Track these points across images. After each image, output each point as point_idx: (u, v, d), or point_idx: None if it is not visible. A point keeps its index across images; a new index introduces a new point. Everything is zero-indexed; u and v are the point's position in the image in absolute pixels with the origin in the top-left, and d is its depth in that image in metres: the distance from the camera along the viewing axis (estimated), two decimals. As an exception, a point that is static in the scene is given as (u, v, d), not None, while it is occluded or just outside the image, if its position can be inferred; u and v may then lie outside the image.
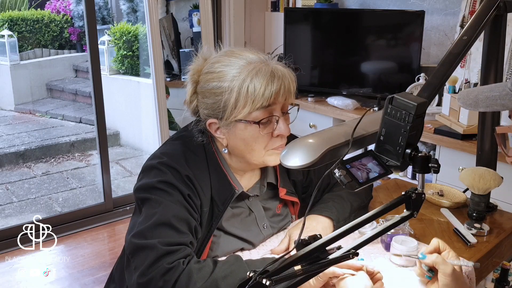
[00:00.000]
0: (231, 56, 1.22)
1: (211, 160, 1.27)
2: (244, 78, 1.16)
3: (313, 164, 0.91)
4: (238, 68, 1.18)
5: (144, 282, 1.08)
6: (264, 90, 1.15)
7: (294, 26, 3.28)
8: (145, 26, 3.74)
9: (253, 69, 1.17)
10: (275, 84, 1.16)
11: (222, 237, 1.30)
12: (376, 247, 1.35)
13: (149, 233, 1.12)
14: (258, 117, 1.18)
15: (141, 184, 1.22)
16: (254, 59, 1.20)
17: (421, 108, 0.94)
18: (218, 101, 1.19)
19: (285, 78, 1.19)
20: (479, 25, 1.26)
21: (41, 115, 5.53)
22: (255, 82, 1.15)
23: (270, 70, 1.17)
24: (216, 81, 1.19)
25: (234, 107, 1.17)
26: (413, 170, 0.97)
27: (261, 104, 1.16)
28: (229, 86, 1.17)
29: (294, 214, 1.48)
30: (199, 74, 1.25)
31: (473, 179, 1.44)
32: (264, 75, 1.16)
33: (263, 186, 1.37)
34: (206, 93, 1.22)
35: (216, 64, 1.21)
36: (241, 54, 1.22)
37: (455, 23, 2.87)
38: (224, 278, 1.07)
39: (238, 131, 1.21)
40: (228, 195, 1.26)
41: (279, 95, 1.18)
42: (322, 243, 0.87)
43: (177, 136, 1.33)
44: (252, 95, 1.15)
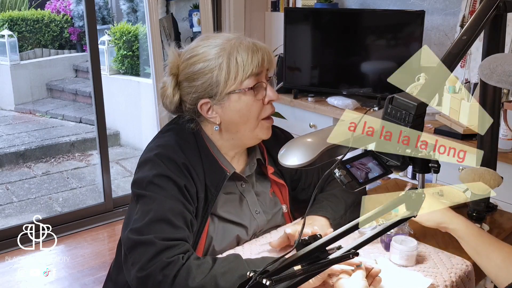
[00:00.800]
0: (208, 39, 1.28)
1: (201, 146, 1.30)
2: (229, 51, 1.23)
3: (311, 163, 0.91)
4: (220, 45, 1.25)
5: (143, 276, 1.09)
6: (252, 58, 1.24)
7: (294, 26, 3.28)
8: (145, 26, 3.74)
9: (235, 43, 1.25)
10: (259, 52, 1.25)
11: (217, 224, 1.32)
12: (376, 247, 1.35)
13: (146, 229, 1.14)
14: (249, 84, 1.25)
15: (137, 179, 1.24)
16: (230, 37, 1.28)
17: (421, 108, 0.94)
18: (209, 79, 1.24)
19: (265, 47, 1.28)
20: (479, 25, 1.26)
21: (41, 115, 5.53)
22: (241, 53, 1.23)
23: (251, 42, 1.27)
24: (201, 61, 1.24)
25: (227, 80, 1.23)
26: (413, 170, 0.97)
27: (251, 71, 1.23)
28: (217, 62, 1.23)
29: (285, 203, 1.48)
30: (177, 67, 1.29)
31: (473, 179, 1.44)
32: (247, 46, 1.25)
33: (253, 163, 1.40)
34: (194, 75, 1.25)
35: (197, 48, 1.27)
36: (216, 35, 1.30)
37: (455, 23, 2.87)
38: (223, 274, 1.08)
39: (232, 103, 1.26)
40: (220, 179, 1.29)
41: (265, 62, 1.26)
42: (322, 243, 0.87)
43: (166, 128, 1.35)
44: (242, 64, 1.23)
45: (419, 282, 1.18)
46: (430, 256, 1.30)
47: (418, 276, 1.21)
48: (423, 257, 1.30)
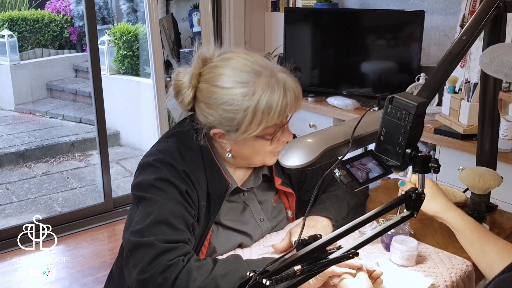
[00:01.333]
0: (236, 67, 1.19)
1: (205, 155, 1.28)
2: (259, 97, 1.15)
3: (312, 164, 0.91)
4: (250, 84, 1.16)
5: (144, 279, 1.09)
6: (280, 108, 1.17)
7: (294, 26, 3.28)
8: (145, 26, 3.74)
9: (267, 86, 1.16)
10: (288, 100, 1.18)
11: (221, 232, 1.31)
12: (376, 247, 1.35)
13: (147, 231, 1.13)
14: (270, 131, 1.21)
15: (138, 182, 1.23)
16: (261, 71, 1.18)
17: (421, 108, 0.94)
18: (230, 118, 1.18)
19: (294, 91, 1.20)
20: (479, 25, 1.26)
21: (41, 115, 5.53)
22: (270, 102, 1.16)
23: (282, 85, 1.18)
24: (226, 97, 1.17)
25: (249, 126, 1.18)
26: (413, 170, 0.97)
27: (274, 122, 1.19)
28: (243, 105, 1.16)
29: (290, 209, 1.48)
30: (198, 79, 1.23)
31: (473, 179, 1.44)
32: (278, 93, 1.17)
33: (258, 178, 1.39)
34: (214, 106, 1.20)
35: (223, 77, 1.19)
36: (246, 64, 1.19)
37: (455, 23, 2.87)
38: (223, 276, 1.08)
39: (247, 143, 1.24)
40: (223, 189, 1.27)
41: (292, 107, 1.20)
42: (322, 243, 0.87)
43: (171, 133, 1.33)
44: (268, 114, 1.17)
45: (419, 282, 1.18)
46: (431, 256, 1.30)
47: (418, 276, 1.21)
48: (424, 257, 1.30)
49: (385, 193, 1.73)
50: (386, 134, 0.97)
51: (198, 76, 1.23)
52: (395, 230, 1.30)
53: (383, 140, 0.97)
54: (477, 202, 1.46)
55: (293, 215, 1.49)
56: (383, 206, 1.00)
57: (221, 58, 1.23)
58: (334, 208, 1.38)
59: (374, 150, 0.99)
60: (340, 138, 0.96)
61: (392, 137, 0.96)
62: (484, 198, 1.46)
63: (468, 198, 1.56)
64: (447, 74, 1.22)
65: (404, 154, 0.95)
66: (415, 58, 2.89)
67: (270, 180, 1.42)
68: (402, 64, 3.00)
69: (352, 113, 2.96)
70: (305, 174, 1.49)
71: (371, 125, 1.02)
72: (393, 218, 1.05)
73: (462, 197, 1.63)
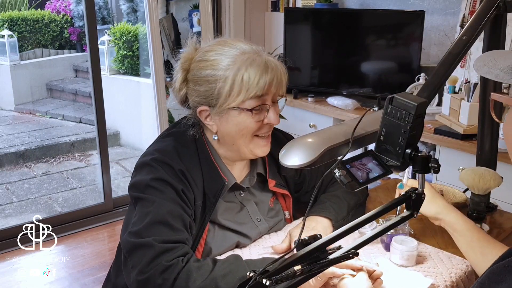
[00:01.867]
0: (224, 45, 1.24)
1: (202, 153, 1.29)
2: (239, 67, 1.19)
3: (312, 164, 0.91)
4: (232, 57, 1.21)
5: (143, 280, 1.09)
6: (259, 79, 1.19)
7: (294, 26, 3.28)
8: (145, 26, 3.74)
9: (248, 59, 1.20)
10: (269, 74, 1.20)
11: (217, 231, 1.31)
12: (376, 247, 1.35)
13: (145, 232, 1.13)
14: (251, 105, 1.21)
15: (134, 182, 1.23)
16: (247, 49, 1.23)
17: (421, 108, 0.94)
18: (212, 89, 1.21)
19: (277, 69, 1.23)
20: (479, 25, 1.26)
21: (41, 115, 5.53)
22: (249, 72, 1.19)
23: (264, 61, 1.21)
24: (209, 69, 1.21)
25: (228, 95, 1.20)
26: (413, 170, 0.97)
27: (254, 93, 1.19)
28: (223, 75, 1.19)
29: (287, 210, 1.48)
30: (190, 62, 1.27)
31: (473, 179, 1.44)
32: (258, 66, 1.20)
33: (253, 177, 1.39)
34: (199, 80, 1.23)
35: (210, 52, 1.23)
36: (234, 43, 1.24)
37: (455, 23, 2.87)
38: (223, 276, 1.08)
39: (230, 118, 1.23)
40: (219, 187, 1.27)
41: (272, 86, 1.22)
42: (322, 243, 0.87)
43: (167, 133, 1.34)
44: (247, 84, 1.18)
45: (419, 282, 1.18)
46: (430, 256, 1.30)
47: (418, 276, 1.21)
48: (423, 257, 1.30)
49: (385, 193, 1.73)
50: (386, 134, 0.97)
51: (190, 60, 1.27)
52: (395, 230, 1.30)
53: (383, 140, 0.97)
54: (477, 202, 1.46)
55: (290, 216, 1.49)
56: (383, 206, 1.00)
57: (214, 41, 1.28)
58: (334, 209, 1.38)
59: (374, 150, 0.99)
60: (340, 138, 0.96)
61: (392, 137, 0.96)
62: (484, 198, 1.46)
63: (468, 198, 1.56)
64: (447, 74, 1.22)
65: (404, 154, 0.95)
66: (415, 58, 2.89)
67: (266, 181, 1.42)
68: (402, 64, 3.00)
69: (352, 113, 2.96)
70: (303, 175, 1.49)
71: (371, 125, 1.02)
72: (393, 218, 1.05)
73: (462, 197, 1.63)
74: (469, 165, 2.05)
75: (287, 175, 1.45)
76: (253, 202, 1.39)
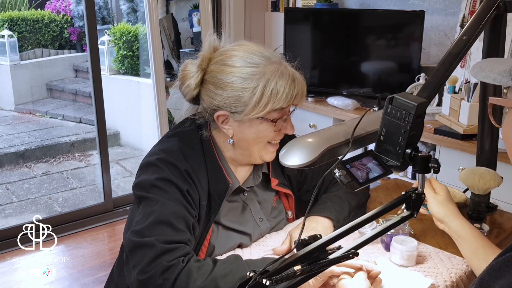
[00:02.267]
0: (248, 51, 1.23)
1: (208, 154, 1.29)
2: (268, 78, 1.19)
3: (312, 164, 0.91)
4: (260, 66, 1.20)
5: (144, 279, 1.09)
6: (288, 92, 1.20)
7: (294, 26, 3.28)
8: (145, 26, 3.74)
9: (277, 70, 1.20)
10: (296, 87, 1.22)
11: (221, 232, 1.31)
12: (376, 247, 1.35)
13: (148, 232, 1.13)
14: (274, 116, 1.22)
15: (139, 181, 1.23)
16: (271, 58, 1.23)
17: (421, 108, 0.94)
18: (238, 97, 1.20)
19: (302, 82, 1.25)
20: (479, 25, 1.26)
21: (41, 115, 5.53)
22: (279, 84, 1.19)
23: (291, 74, 1.22)
24: (236, 75, 1.20)
25: (256, 106, 1.19)
26: (413, 170, 0.97)
27: (281, 106, 1.20)
28: (252, 85, 1.19)
29: (290, 209, 1.48)
30: (208, 63, 1.25)
31: (473, 179, 1.44)
32: (287, 78, 1.20)
33: (258, 176, 1.39)
34: (222, 85, 1.21)
35: (234, 57, 1.22)
36: (258, 50, 1.24)
37: (455, 23, 2.87)
38: (223, 276, 1.08)
39: (252, 126, 1.24)
40: (223, 189, 1.28)
41: (297, 99, 1.23)
42: (322, 243, 0.87)
43: (172, 133, 1.33)
44: (275, 96, 1.19)
45: (419, 282, 1.18)
46: (430, 256, 1.30)
47: (418, 276, 1.21)
48: (423, 257, 1.30)
49: (385, 193, 1.73)
50: (386, 134, 0.97)
51: (208, 60, 1.25)
52: (395, 230, 1.30)
53: (383, 140, 0.98)
54: (477, 202, 1.46)
55: (293, 215, 1.49)
56: (383, 206, 1.00)
57: (234, 44, 1.27)
58: (335, 209, 1.38)
59: (374, 150, 0.99)
60: (340, 138, 0.96)
61: (392, 137, 0.96)
62: (484, 198, 1.46)
63: (468, 198, 1.56)
64: (447, 74, 1.22)
65: (404, 154, 0.95)
66: (415, 58, 2.89)
67: (270, 180, 1.43)
68: (402, 64, 3.00)
69: (352, 113, 2.96)
70: (305, 174, 1.49)
71: (371, 125, 1.02)
72: (393, 218, 1.05)
73: (462, 197, 1.63)
74: (469, 165, 2.05)
75: (290, 173, 1.45)
76: (256, 201, 1.40)
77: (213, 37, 1.28)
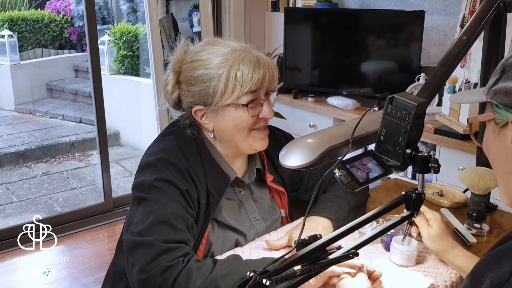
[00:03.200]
0: (214, 44, 1.26)
1: (203, 151, 1.30)
2: (231, 64, 1.21)
3: (312, 164, 0.91)
4: (224, 55, 1.23)
5: (144, 279, 1.09)
6: (252, 74, 1.21)
7: (294, 26, 3.28)
8: (145, 26, 3.74)
9: (239, 55, 1.22)
10: (261, 69, 1.22)
11: (217, 230, 1.32)
12: (376, 247, 1.35)
13: (147, 231, 1.14)
14: (246, 100, 1.23)
15: (138, 182, 1.23)
16: (237, 47, 1.25)
17: (421, 108, 0.94)
18: (206, 88, 1.23)
19: (269, 64, 1.25)
20: (479, 25, 1.26)
21: (41, 115, 5.53)
22: (242, 68, 1.21)
23: (255, 56, 1.23)
24: (202, 68, 1.23)
25: (224, 93, 1.21)
26: (413, 170, 0.97)
27: (249, 88, 1.21)
28: (217, 73, 1.21)
29: (283, 207, 1.48)
30: (180, 65, 1.28)
31: (473, 179, 1.44)
32: (250, 61, 1.22)
33: (253, 173, 1.40)
34: (192, 81, 1.24)
35: (201, 52, 1.25)
36: (224, 42, 1.27)
37: (455, 23, 2.87)
38: (223, 276, 1.08)
39: (226, 114, 1.25)
40: (223, 184, 1.28)
41: (265, 80, 1.24)
42: (322, 243, 0.87)
43: (167, 132, 1.34)
44: (241, 80, 1.20)
45: (419, 282, 1.18)
46: (431, 256, 1.30)
47: (418, 276, 1.21)
48: (423, 257, 1.30)
49: (385, 193, 1.73)
50: (386, 134, 0.97)
51: (180, 62, 1.28)
52: (395, 230, 1.30)
53: (383, 140, 0.98)
54: (477, 202, 1.46)
55: (286, 214, 1.49)
56: (383, 206, 1.00)
57: (202, 42, 1.31)
58: (334, 209, 1.38)
59: (374, 150, 0.99)
60: (340, 138, 0.96)
61: (392, 137, 0.96)
62: (484, 198, 1.46)
63: (468, 198, 1.56)
64: (447, 74, 1.22)
65: (404, 154, 0.95)
66: (415, 58, 2.89)
67: (264, 177, 1.43)
68: (402, 64, 3.00)
69: (352, 113, 2.96)
70: (302, 173, 1.49)
71: (371, 125, 1.02)
72: (393, 218, 1.05)
73: (462, 197, 1.63)
74: (469, 165, 2.05)
75: (283, 173, 1.45)
76: (252, 200, 1.40)
77: (184, 41, 1.30)
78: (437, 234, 1.22)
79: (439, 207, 1.58)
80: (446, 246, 1.22)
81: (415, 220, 1.23)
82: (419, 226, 1.24)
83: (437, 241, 1.22)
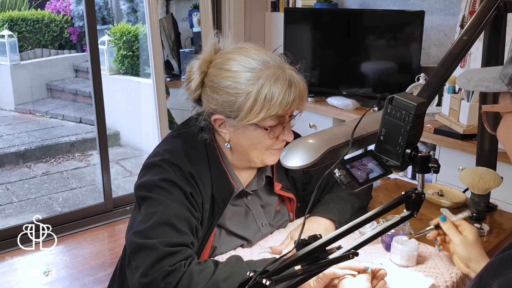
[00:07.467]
0: (246, 55, 1.20)
1: (212, 157, 1.27)
2: (262, 83, 1.15)
3: (313, 165, 0.91)
4: (256, 71, 1.17)
5: (146, 283, 1.08)
6: (282, 99, 1.15)
7: (294, 26, 3.28)
8: (145, 26, 3.74)
9: (272, 75, 1.16)
10: (292, 93, 1.17)
11: (223, 235, 1.31)
12: (376, 247, 1.35)
13: (150, 233, 1.12)
14: (270, 123, 1.19)
15: (142, 182, 1.21)
16: (270, 63, 1.19)
17: (421, 108, 0.94)
18: (232, 101, 1.17)
19: (300, 86, 1.20)
20: (479, 25, 1.26)
21: (41, 115, 5.53)
22: (273, 90, 1.15)
23: (288, 78, 1.18)
24: (231, 80, 1.17)
25: (250, 112, 1.16)
26: (413, 170, 0.97)
27: (276, 112, 1.16)
28: (246, 90, 1.15)
29: (291, 211, 1.48)
30: (208, 66, 1.22)
31: (473, 179, 1.44)
32: (283, 84, 1.16)
33: (261, 179, 1.38)
34: (218, 89, 1.19)
35: (231, 61, 1.19)
36: (258, 55, 1.20)
37: (455, 23, 2.87)
38: (225, 279, 1.07)
39: (246, 132, 1.21)
40: (228, 193, 1.26)
41: (294, 105, 1.19)
42: (322, 243, 0.87)
43: (177, 133, 1.32)
44: (269, 102, 1.15)
45: (420, 282, 1.18)
46: (431, 256, 1.30)
47: (419, 276, 1.21)
48: (424, 258, 1.30)
49: (385, 193, 1.73)
50: (386, 134, 0.97)
51: (209, 63, 1.23)
52: (395, 230, 1.30)
53: (383, 140, 0.98)
54: (477, 202, 1.46)
55: (293, 216, 1.49)
56: (383, 206, 1.00)
57: (234, 46, 1.24)
58: (338, 210, 1.37)
59: (374, 150, 0.99)
60: (341, 138, 0.96)
61: (392, 137, 0.96)
62: (484, 198, 1.46)
63: (468, 198, 1.56)
64: (448, 74, 1.22)
65: (404, 154, 0.95)
66: (415, 58, 2.89)
67: (272, 184, 1.41)
68: (402, 64, 3.00)
69: (352, 113, 2.96)
70: (309, 175, 1.47)
71: (371, 126, 1.02)
72: (393, 218, 1.05)
73: (462, 197, 1.63)
74: (469, 165, 2.05)
75: (294, 176, 1.43)
76: (259, 205, 1.38)
77: (216, 39, 1.25)
78: (473, 241, 1.18)
79: (439, 207, 1.58)
80: (477, 255, 1.17)
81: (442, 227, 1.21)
82: (449, 233, 1.20)
83: (470, 248, 1.17)
